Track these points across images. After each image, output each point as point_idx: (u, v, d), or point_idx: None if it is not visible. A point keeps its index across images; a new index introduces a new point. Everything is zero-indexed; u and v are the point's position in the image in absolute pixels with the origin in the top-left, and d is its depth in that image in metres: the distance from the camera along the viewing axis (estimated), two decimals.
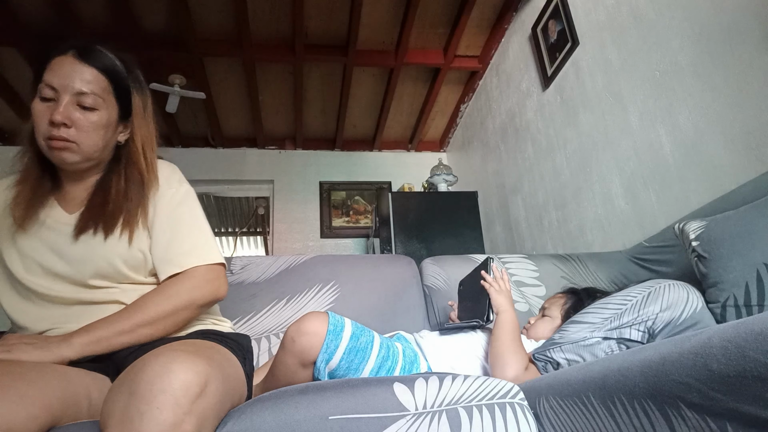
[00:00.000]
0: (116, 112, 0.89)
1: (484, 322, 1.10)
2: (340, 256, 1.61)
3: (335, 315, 0.97)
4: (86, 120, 0.84)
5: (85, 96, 0.84)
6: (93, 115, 0.85)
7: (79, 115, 0.83)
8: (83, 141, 0.84)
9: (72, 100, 0.83)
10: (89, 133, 0.85)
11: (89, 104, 0.84)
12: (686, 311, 0.88)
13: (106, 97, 0.87)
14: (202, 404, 0.57)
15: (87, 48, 0.87)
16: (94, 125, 0.85)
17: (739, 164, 1.31)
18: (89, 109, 0.84)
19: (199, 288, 0.87)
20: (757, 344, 0.40)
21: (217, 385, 0.63)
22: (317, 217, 3.92)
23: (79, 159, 0.86)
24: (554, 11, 2.30)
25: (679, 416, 0.49)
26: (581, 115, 2.10)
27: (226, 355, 0.79)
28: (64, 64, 0.84)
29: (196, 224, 0.94)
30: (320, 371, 0.93)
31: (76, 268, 0.86)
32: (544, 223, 2.45)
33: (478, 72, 3.26)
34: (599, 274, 1.60)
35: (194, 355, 0.61)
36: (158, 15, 2.73)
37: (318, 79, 3.34)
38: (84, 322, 0.81)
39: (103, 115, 0.86)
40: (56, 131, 0.82)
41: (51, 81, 0.83)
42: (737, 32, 1.32)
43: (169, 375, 0.56)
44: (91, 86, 0.84)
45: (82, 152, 0.85)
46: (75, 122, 0.83)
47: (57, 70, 0.84)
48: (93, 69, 0.86)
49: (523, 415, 0.72)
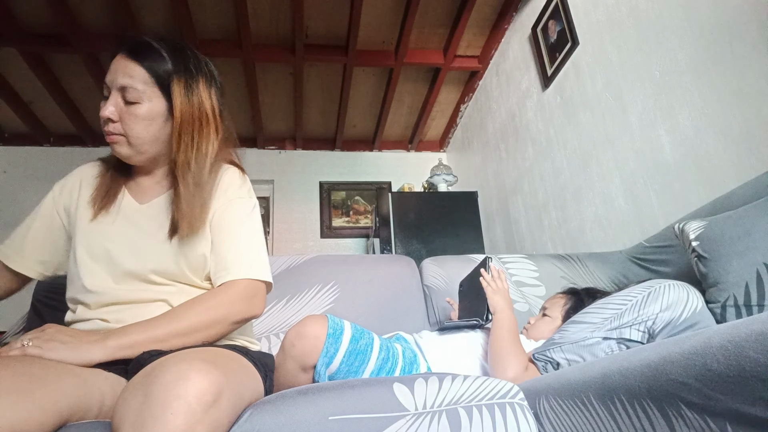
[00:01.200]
0: (163, 103, 0.89)
1: (483, 321, 1.10)
2: (340, 256, 1.61)
3: (335, 318, 0.97)
4: (130, 113, 0.87)
5: (127, 90, 0.86)
6: (136, 108, 0.87)
7: (124, 110, 0.87)
8: (130, 134, 0.87)
9: (117, 96, 0.87)
10: (133, 126, 0.87)
11: (131, 98, 0.86)
12: (686, 311, 0.88)
13: (148, 89, 0.87)
14: (215, 413, 0.58)
15: (135, 44, 0.89)
16: (137, 118, 0.87)
17: (739, 164, 1.31)
18: (132, 102, 0.87)
19: (236, 303, 0.86)
20: (757, 344, 0.40)
21: (232, 396, 0.63)
22: (317, 217, 3.92)
23: (131, 152, 0.89)
24: (554, 11, 2.30)
25: (679, 416, 0.49)
26: (581, 115, 2.10)
27: (246, 366, 0.78)
28: (116, 63, 0.88)
29: (255, 238, 0.94)
30: (320, 375, 0.93)
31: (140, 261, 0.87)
32: (544, 223, 2.45)
33: (478, 72, 3.26)
34: (599, 274, 1.60)
35: (211, 364, 0.61)
36: (158, 15, 2.73)
37: (318, 79, 3.34)
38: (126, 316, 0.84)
39: (145, 107, 0.87)
40: (106, 126, 0.87)
41: (106, 80, 0.88)
42: (737, 32, 1.32)
43: (185, 382, 0.56)
44: (132, 81, 0.86)
45: (131, 144, 0.88)
46: (121, 117, 0.87)
47: (110, 70, 0.88)
48: (136, 64, 0.87)
49: (523, 415, 0.72)
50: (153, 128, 0.89)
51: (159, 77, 0.89)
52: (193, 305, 0.84)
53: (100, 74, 3.06)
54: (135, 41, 0.90)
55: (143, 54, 0.88)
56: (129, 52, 0.88)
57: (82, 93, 3.29)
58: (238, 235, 0.92)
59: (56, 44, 2.80)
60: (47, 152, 3.73)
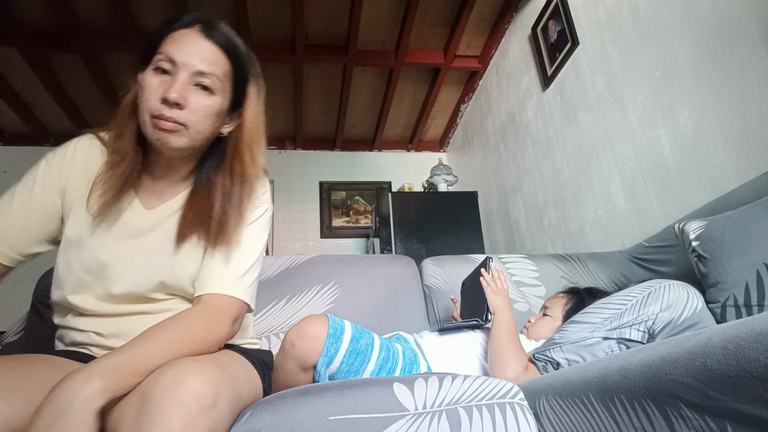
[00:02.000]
0: (229, 100, 0.81)
1: (483, 321, 1.10)
2: (340, 256, 1.61)
3: (335, 318, 0.97)
4: (200, 103, 0.76)
5: (205, 76, 0.76)
6: (208, 99, 0.77)
7: (193, 97, 0.75)
8: (194, 125, 0.76)
9: (189, 79, 0.75)
10: (201, 117, 0.76)
11: (207, 85, 0.76)
12: (686, 311, 0.88)
13: (224, 81, 0.79)
14: (214, 416, 0.57)
15: (213, 25, 0.79)
16: (207, 110, 0.77)
17: (739, 164, 1.31)
18: (206, 90, 0.76)
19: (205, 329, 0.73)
20: (757, 344, 0.40)
21: (230, 397, 0.62)
22: (317, 217, 3.92)
23: (184, 144, 0.77)
24: (554, 11, 2.30)
25: (679, 416, 0.49)
26: (581, 115, 2.10)
27: (244, 366, 0.77)
28: (188, 37, 0.77)
29: (252, 250, 0.84)
30: (321, 375, 0.93)
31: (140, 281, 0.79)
32: (544, 223, 2.45)
33: (478, 72, 3.26)
34: (599, 274, 1.60)
35: (208, 365, 0.61)
36: (158, 15, 2.73)
37: (318, 79, 3.34)
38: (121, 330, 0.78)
39: (217, 100, 0.78)
40: (167, 110, 0.73)
41: (171, 53, 0.75)
42: (737, 32, 1.32)
43: (182, 384, 0.56)
44: (213, 67, 0.76)
45: (189, 136, 0.76)
46: (189, 104, 0.75)
47: (179, 42, 0.76)
48: (218, 49, 0.78)
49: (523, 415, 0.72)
50: (217, 123, 0.80)
51: (239, 74, 0.81)
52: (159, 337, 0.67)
53: (100, 74, 3.06)
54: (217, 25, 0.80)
55: (227, 42, 0.79)
56: (209, 34, 0.78)
57: (82, 93, 3.29)
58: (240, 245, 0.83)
59: (56, 44, 2.80)
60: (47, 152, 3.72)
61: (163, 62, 0.75)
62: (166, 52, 0.75)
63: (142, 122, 0.76)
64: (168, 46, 0.76)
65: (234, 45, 0.80)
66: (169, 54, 0.75)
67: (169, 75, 0.75)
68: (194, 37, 0.77)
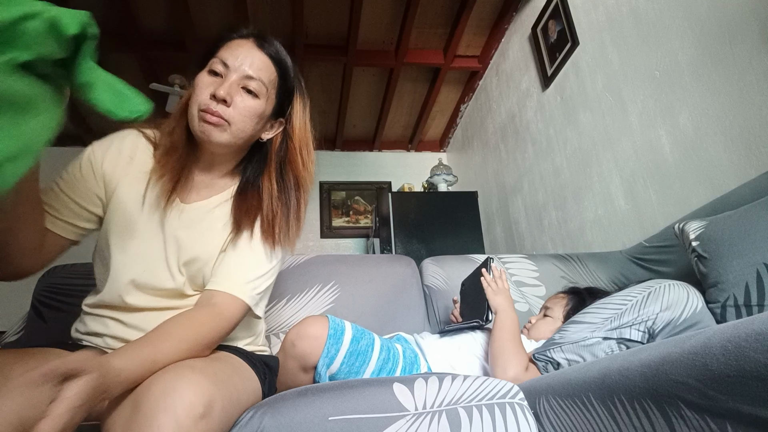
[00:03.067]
0: (272, 107, 0.89)
1: (484, 322, 1.10)
2: (340, 256, 1.61)
3: (335, 318, 0.97)
4: (245, 103, 0.83)
5: (252, 80, 0.84)
6: (253, 101, 0.84)
7: (239, 98, 0.83)
8: (236, 122, 0.83)
9: (238, 81, 0.83)
10: (244, 116, 0.83)
11: (253, 88, 0.84)
12: (686, 311, 0.88)
13: (269, 87, 0.87)
14: (205, 426, 0.57)
15: (266, 38, 0.88)
16: (251, 110, 0.84)
17: (739, 164, 1.31)
18: (251, 93, 0.84)
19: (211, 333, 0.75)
20: (757, 344, 0.40)
21: (225, 404, 0.62)
22: (317, 217, 3.92)
23: (226, 140, 0.83)
24: (554, 11, 2.30)
25: (679, 416, 0.49)
26: (581, 115, 2.10)
27: (241, 370, 0.77)
28: (243, 46, 0.85)
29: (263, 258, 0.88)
30: (321, 375, 0.93)
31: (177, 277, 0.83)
32: (544, 223, 2.45)
33: (478, 72, 3.26)
34: (599, 274, 1.60)
35: (202, 374, 0.60)
36: (158, 15, 2.73)
37: (318, 79, 3.34)
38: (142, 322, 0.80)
39: (261, 103, 0.85)
40: (214, 105, 0.81)
41: (225, 58, 0.83)
42: (737, 32, 1.32)
43: (173, 394, 0.55)
44: (260, 73, 0.85)
45: (231, 133, 0.83)
46: (235, 103, 0.82)
47: (234, 50, 0.84)
48: (267, 58, 0.86)
49: (523, 415, 0.72)
50: (258, 126, 0.87)
51: (284, 85, 0.90)
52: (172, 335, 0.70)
53: None
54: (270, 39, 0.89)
55: (276, 53, 0.88)
56: (261, 44, 0.86)
57: None
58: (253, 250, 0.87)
59: None
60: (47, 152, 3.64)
61: (217, 65, 0.84)
62: (221, 57, 0.84)
63: (191, 116, 0.83)
64: (223, 52, 0.85)
65: (282, 58, 0.89)
66: (223, 58, 0.84)
67: (221, 77, 0.83)
68: (248, 46, 0.86)
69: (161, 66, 3.04)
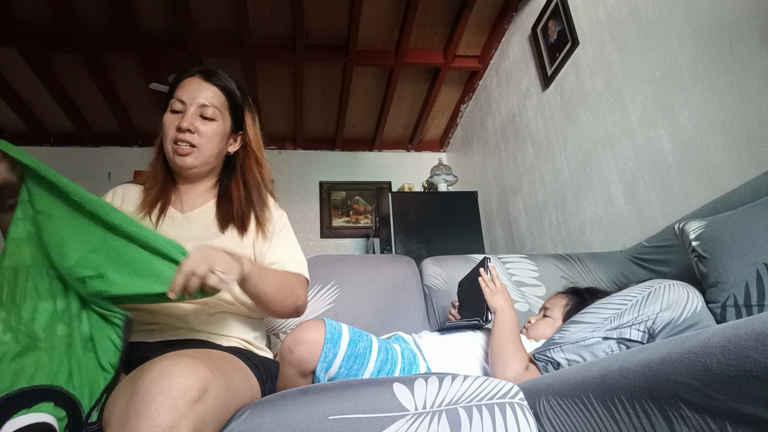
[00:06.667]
0: (229, 124, 1.05)
1: (484, 322, 1.10)
2: (340, 256, 1.61)
3: (332, 322, 0.97)
4: (206, 128, 1.00)
5: (207, 108, 1.00)
6: (212, 125, 1.00)
7: (200, 124, 0.99)
8: (203, 146, 0.99)
9: (196, 111, 0.99)
10: (209, 138, 1.00)
11: (209, 115, 1.00)
12: (686, 311, 0.88)
13: (222, 110, 1.03)
14: (201, 409, 0.58)
15: (210, 71, 1.04)
16: (212, 132, 1.00)
17: (739, 164, 1.31)
18: (209, 119, 1.00)
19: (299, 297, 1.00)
20: (757, 344, 0.40)
21: (219, 391, 0.63)
22: (317, 217, 3.92)
23: (199, 163, 1.00)
24: (554, 11, 2.30)
25: (679, 416, 0.49)
26: (581, 115, 2.10)
27: (239, 367, 0.79)
28: (192, 82, 1.02)
29: (297, 244, 1.11)
30: (320, 380, 0.93)
31: None
32: (544, 223, 2.45)
33: (478, 72, 3.26)
34: (599, 274, 1.60)
35: (197, 360, 0.62)
36: (158, 15, 2.73)
37: (318, 79, 3.34)
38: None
39: (219, 124, 1.01)
40: (182, 135, 0.98)
41: (181, 95, 1.00)
42: (737, 32, 1.32)
43: (169, 377, 0.57)
44: (213, 100, 1.01)
45: (201, 156, 1.00)
46: (198, 129, 0.98)
47: (186, 87, 1.01)
48: (214, 87, 1.02)
49: (523, 415, 0.72)
50: (222, 144, 1.03)
51: (234, 104, 1.05)
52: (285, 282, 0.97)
53: (100, 74, 3.07)
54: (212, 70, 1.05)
55: (221, 81, 1.04)
56: (207, 78, 1.02)
57: (82, 93, 3.29)
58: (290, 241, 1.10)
59: (56, 44, 2.80)
60: (47, 152, 3.73)
61: (176, 104, 1.00)
62: (177, 96, 1.00)
63: (166, 150, 1.01)
64: (179, 91, 1.01)
65: (227, 84, 1.05)
66: (179, 96, 1.00)
67: (180, 113, 1.00)
68: (197, 81, 1.02)
69: (161, 66, 3.04)
